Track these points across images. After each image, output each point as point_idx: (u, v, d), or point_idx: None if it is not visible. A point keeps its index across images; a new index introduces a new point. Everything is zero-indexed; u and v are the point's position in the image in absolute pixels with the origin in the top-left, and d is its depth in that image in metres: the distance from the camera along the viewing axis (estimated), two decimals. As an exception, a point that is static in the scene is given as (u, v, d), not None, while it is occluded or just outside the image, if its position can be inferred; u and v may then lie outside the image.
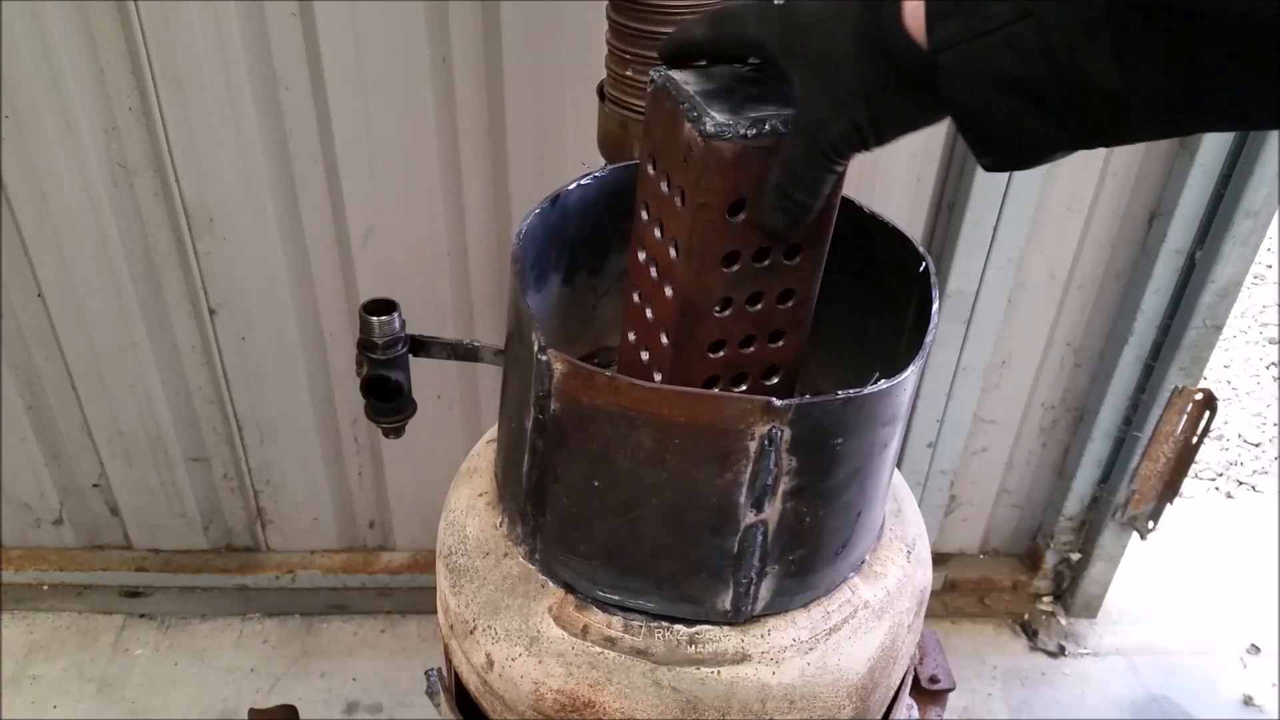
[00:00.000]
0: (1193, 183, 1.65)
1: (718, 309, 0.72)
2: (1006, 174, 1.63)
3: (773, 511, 0.72)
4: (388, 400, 0.98)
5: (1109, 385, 1.91)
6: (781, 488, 0.71)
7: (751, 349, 0.76)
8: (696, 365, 0.74)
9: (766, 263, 0.71)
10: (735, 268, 0.70)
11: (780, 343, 0.77)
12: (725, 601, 0.77)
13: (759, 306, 0.73)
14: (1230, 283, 1.74)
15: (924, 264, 0.80)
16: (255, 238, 1.68)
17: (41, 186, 1.61)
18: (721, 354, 0.75)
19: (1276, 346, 3.42)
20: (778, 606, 0.79)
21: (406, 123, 1.56)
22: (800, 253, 0.72)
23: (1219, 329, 1.80)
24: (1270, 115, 0.48)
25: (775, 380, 0.79)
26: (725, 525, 0.73)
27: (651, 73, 0.69)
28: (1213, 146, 1.62)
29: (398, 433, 1.02)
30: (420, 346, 0.98)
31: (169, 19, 1.46)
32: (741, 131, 0.63)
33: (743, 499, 0.71)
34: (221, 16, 1.46)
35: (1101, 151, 1.65)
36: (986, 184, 1.64)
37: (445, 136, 1.58)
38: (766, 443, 0.68)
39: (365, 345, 0.94)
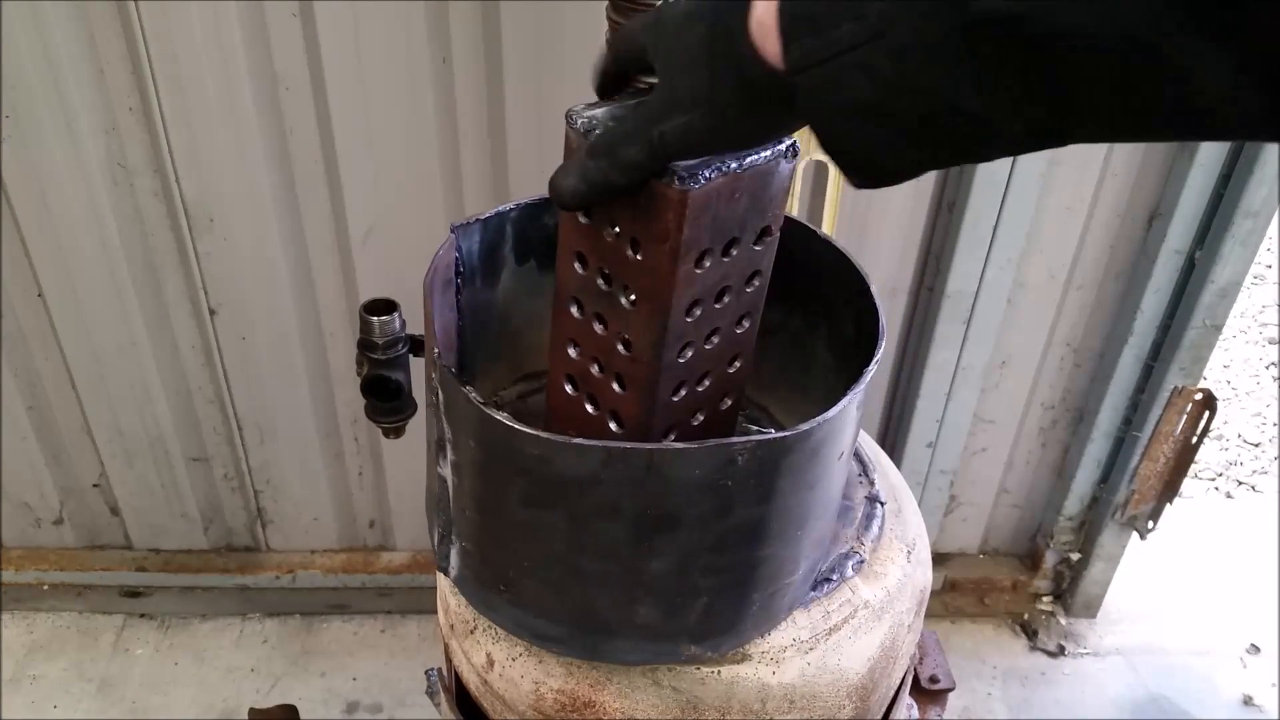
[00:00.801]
0: (1193, 183, 1.65)
1: (680, 357, 0.71)
2: (1006, 174, 1.63)
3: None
4: (388, 400, 0.97)
5: (1109, 385, 1.91)
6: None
7: (709, 382, 0.75)
8: (660, 414, 0.73)
9: (726, 300, 0.71)
10: (699, 312, 0.69)
11: (736, 365, 0.77)
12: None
13: (716, 340, 0.73)
14: (1230, 283, 1.74)
15: (866, 283, 0.79)
16: (255, 238, 1.68)
17: (41, 186, 1.61)
18: (683, 394, 0.74)
19: (1276, 346, 3.42)
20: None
21: (406, 123, 1.56)
22: (759, 276, 0.72)
23: (1219, 329, 1.80)
24: (1134, 133, 0.46)
25: (728, 404, 0.79)
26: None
27: (568, 112, 0.68)
28: (1212, 147, 1.62)
29: (398, 433, 1.02)
30: (421, 346, 0.98)
31: (169, 19, 1.46)
32: (708, 175, 0.62)
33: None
34: (221, 16, 1.46)
35: (1102, 151, 1.65)
36: (986, 184, 1.64)
37: (445, 136, 1.58)
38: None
39: (365, 345, 0.94)
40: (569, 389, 0.78)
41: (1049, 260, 1.76)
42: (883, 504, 0.91)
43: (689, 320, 0.69)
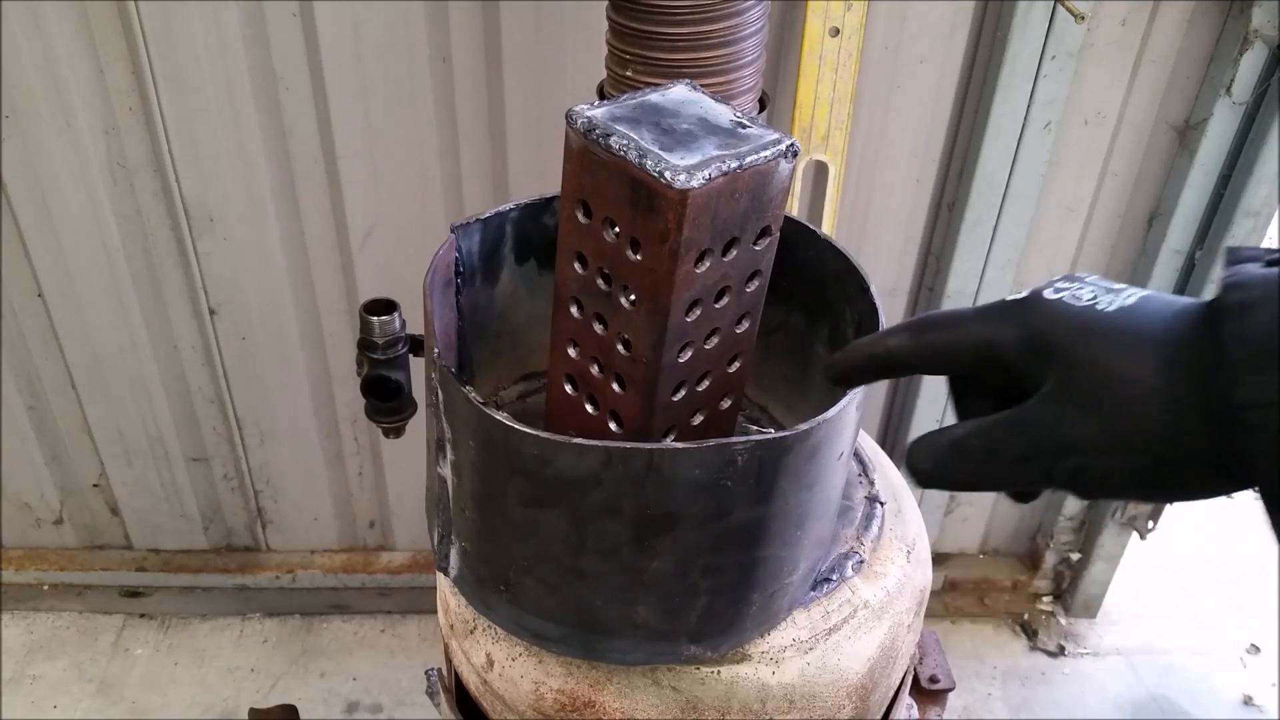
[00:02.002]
0: (1193, 183, 1.65)
1: (680, 357, 0.71)
2: (1006, 174, 1.63)
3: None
4: (388, 400, 0.97)
5: (1109, 385, 1.91)
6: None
7: (708, 382, 0.75)
8: (660, 414, 0.73)
9: (726, 300, 0.71)
10: (699, 312, 0.69)
11: (736, 365, 0.77)
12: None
13: (716, 340, 0.73)
14: (1230, 283, 1.73)
15: (867, 287, 0.79)
16: (255, 238, 1.68)
17: (41, 186, 1.61)
18: (683, 394, 0.74)
19: (1276, 346, 3.41)
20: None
21: (406, 123, 1.56)
22: (759, 277, 0.72)
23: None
24: None
25: (728, 404, 0.79)
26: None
27: (568, 113, 0.66)
28: (1212, 146, 1.62)
29: (398, 433, 1.02)
30: (421, 346, 0.98)
31: (169, 19, 1.46)
32: (708, 175, 0.61)
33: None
34: (221, 16, 1.46)
35: (1102, 151, 1.65)
36: (986, 184, 1.64)
37: (445, 136, 1.58)
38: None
39: (365, 345, 0.94)
40: (569, 389, 0.78)
41: (1049, 260, 1.76)
42: (883, 504, 0.91)
43: (689, 320, 0.69)
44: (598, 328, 0.72)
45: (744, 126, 0.67)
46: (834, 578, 0.83)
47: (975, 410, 0.57)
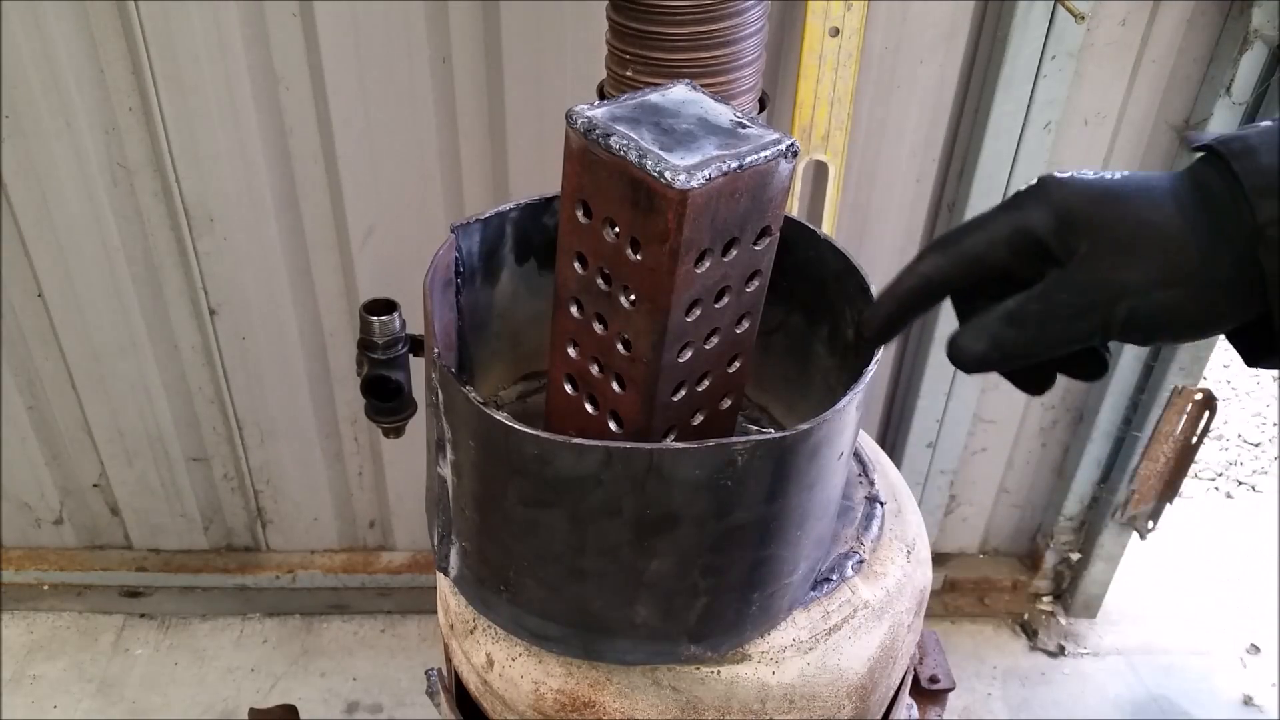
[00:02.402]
0: (1193, 183, 1.65)
1: (680, 357, 0.71)
2: (1006, 174, 1.63)
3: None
4: (388, 400, 0.98)
5: (1109, 385, 1.91)
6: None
7: (708, 382, 0.75)
8: (660, 414, 0.73)
9: (726, 300, 0.71)
10: (699, 312, 0.69)
11: (736, 365, 0.77)
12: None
13: (716, 340, 0.73)
14: (1230, 283, 1.74)
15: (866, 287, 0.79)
16: (255, 238, 1.68)
17: (41, 186, 1.61)
18: (683, 394, 0.74)
19: (1276, 346, 3.41)
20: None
21: (406, 123, 1.56)
22: (759, 276, 0.72)
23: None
24: None
25: (728, 404, 0.79)
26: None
27: (568, 113, 0.66)
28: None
29: (398, 433, 1.02)
30: (421, 346, 0.98)
31: (169, 19, 1.46)
32: (708, 175, 0.61)
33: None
34: (221, 16, 1.46)
35: (1101, 151, 1.65)
36: (987, 184, 1.64)
37: (445, 136, 1.58)
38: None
39: (365, 345, 0.94)
40: (569, 389, 0.78)
41: (1049, 260, 1.76)
42: (883, 504, 0.91)
43: (689, 320, 0.69)
44: (598, 328, 0.72)
45: (744, 126, 0.67)
46: (834, 578, 0.83)
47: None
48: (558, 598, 0.75)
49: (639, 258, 0.66)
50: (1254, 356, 0.57)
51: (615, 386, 0.73)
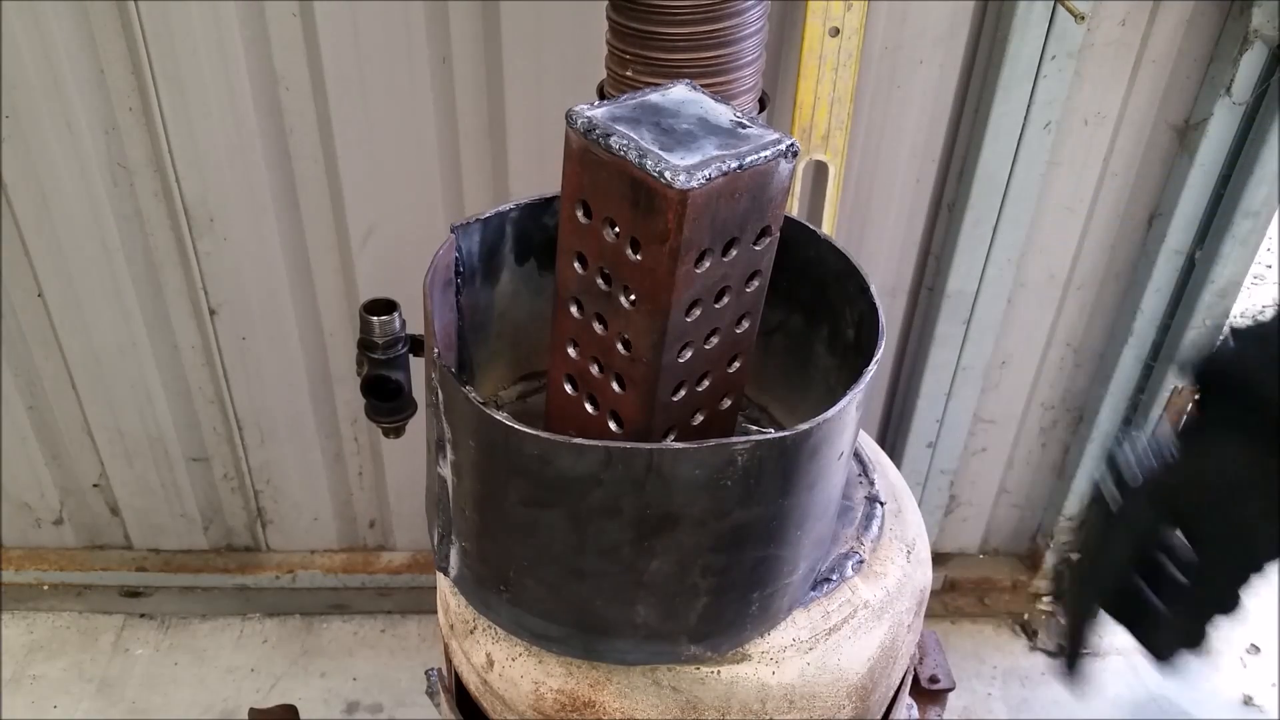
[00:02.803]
0: (1193, 183, 1.65)
1: (680, 357, 0.71)
2: (1006, 174, 1.63)
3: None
4: (388, 400, 0.97)
5: (1109, 385, 1.91)
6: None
7: (708, 382, 0.75)
8: (660, 414, 0.73)
9: (726, 300, 0.71)
10: (699, 312, 0.69)
11: (736, 365, 0.77)
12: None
13: (716, 340, 0.73)
14: (1230, 283, 1.74)
15: (866, 287, 0.79)
16: (255, 238, 1.68)
17: (41, 186, 1.61)
18: (683, 394, 0.74)
19: (1276, 346, 3.41)
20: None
21: (406, 123, 1.56)
22: (759, 276, 0.72)
23: (1219, 329, 1.80)
24: None
25: (728, 404, 0.79)
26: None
27: (568, 113, 0.66)
28: (1212, 146, 1.62)
29: (398, 433, 1.02)
30: (421, 346, 0.98)
31: (169, 19, 1.46)
32: (708, 175, 0.61)
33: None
34: (221, 16, 1.46)
35: (1102, 151, 1.65)
36: (986, 184, 1.64)
37: (445, 136, 1.58)
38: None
39: (366, 345, 0.94)
40: (569, 389, 0.78)
41: (1049, 260, 1.76)
42: (883, 504, 0.91)
43: (689, 320, 0.69)
44: (598, 328, 0.72)
45: (744, 126, 0.67)
46: (834, 578, 0.83)
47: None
48: (558, 598, 0.75)
49: (639, 258, 0.66)
50: None
51: (615, 386, 0.73)
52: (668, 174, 0.61)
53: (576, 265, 0.71)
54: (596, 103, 0.68)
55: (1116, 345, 1.87)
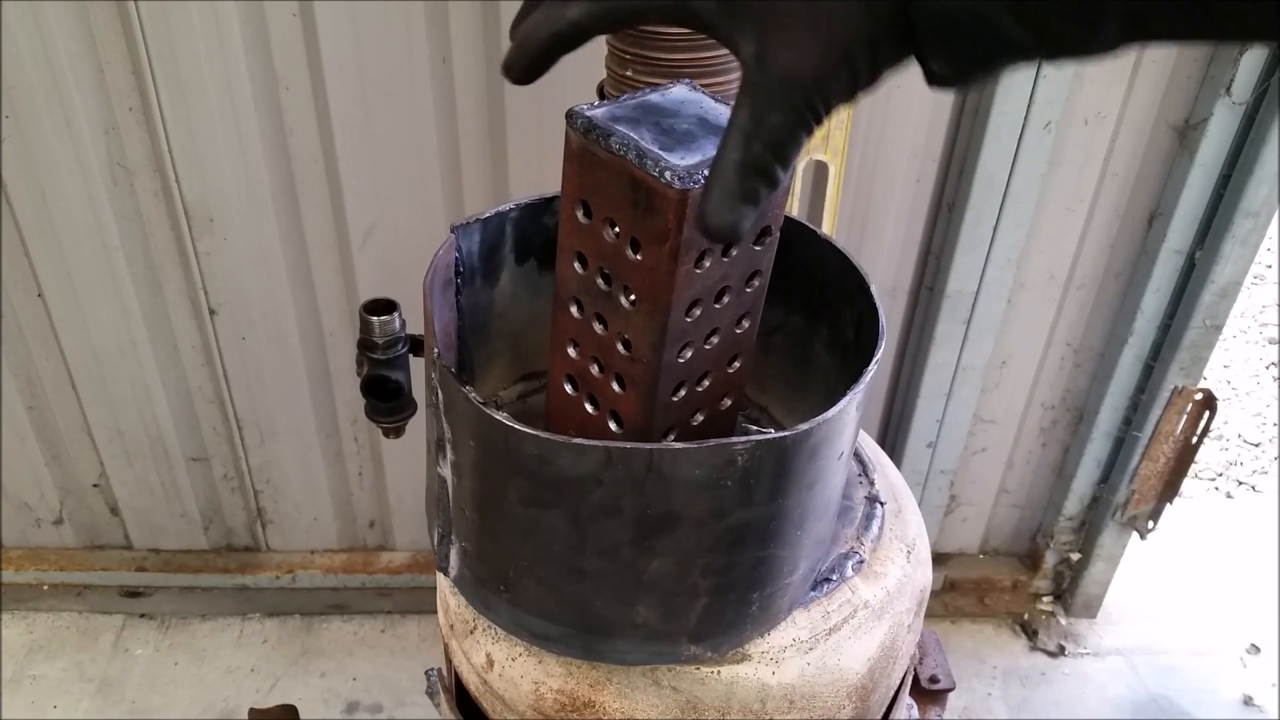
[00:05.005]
0: (1193, 183, 1.65)
1: (680, 357, 0.71)
2: (1006, 174, 1.63)
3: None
4: (388, 400, 0.97)
5: (1109, 385, 1.91)
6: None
7: (708, 382, 0.75)
8: (660, 414, 0.73)
9: (726, 300, 0.70)
10: (699, 312, 0.69)
11: (736, 365, 0.77)
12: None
13: (716, 340, 0.73)
14: (1230, 283, 1.74)
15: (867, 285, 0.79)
16: (255, 238, 1.68)
17: (41, 186, 1.61)
18: (683, 394, 0.74)
19: (1276, 346, 3.42)
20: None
21: (406, 123, 1.56)
22: (759, 276, 0.72)
23: (1219, 329, 1.80)
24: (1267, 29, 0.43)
25: (728, 404, 0.79)
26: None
27: (568, 112, 0.66)
28: (1212, 146, 1.62)
29: (398, 433, 1.02)
30: (421, 346, 0.98)
31: (169, 19, 1.46)
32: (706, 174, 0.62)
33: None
34: (221, 16, 1.46)
35: (1102, 151, 1.65)
36: (986, 184, 1.64)
37: (445, 136, 1.58)
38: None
39: (365, 345, 0.94)
40: (569, 389, 0.78)
41: (1049, 260, 1.76)
42: (883, 504, 0.91)
43: (689, 320, 0.69)
44: (598, 328, 0.72)
45: None
46: (834, 578, 0.83)
47: None
48: (558, 598, 0.75)
49: (639, 258, 0.66)
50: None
51: (615, 386, 0.73)
52: (668, 174, 0.61)
53: (576, 265, 0.71)
54: (596, 103, 0.68)
55: (1116, 345, 1.87)
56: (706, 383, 0.75)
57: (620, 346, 0.71)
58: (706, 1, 0.52)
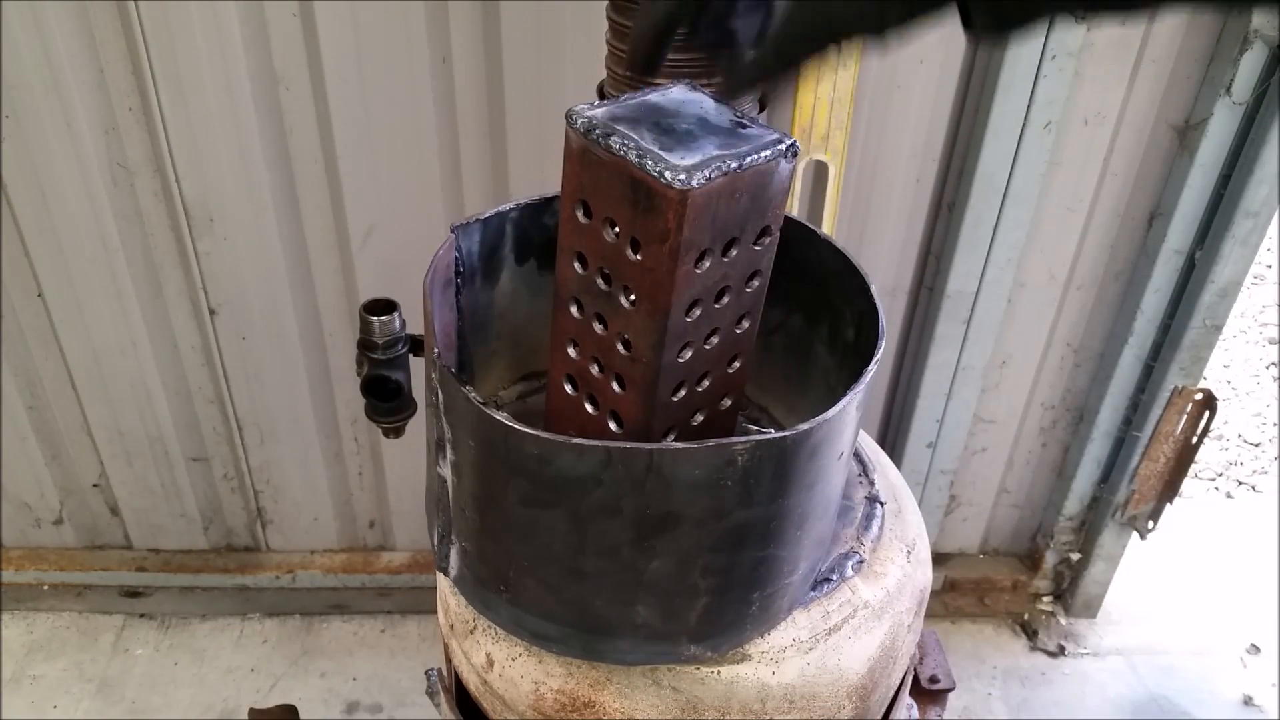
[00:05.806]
0: (1193, 183, 1.65)
1: (680, 357, 0.71)
2: (1006, 174, 1.63)
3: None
4: (388, 400, 0.97)
5: (1109, 385, 1.91)
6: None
7: (708, 382, 0.75)
8: (660, 414, 0.73)
9: (726, 300, 0.71)
10: (699, 312, 0.69)
11: (736, 365, 0.77)
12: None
13: (716, 340, 0.73)
14: (1230, 283, 1.74)
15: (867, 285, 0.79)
16: (255, 238, 1.68)
17: (41, 186, 1.61)
18: (683, 394, 0.74)
19: (1276, 346, 3.42)
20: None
21: (406, 123, 1.56)
22: (759, 276, 0.72)
23: (1219, 329, 1.80)
24: None
25: (728, 404, 0.79)
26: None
27: (568, 113, 0.66)
28: (1212, 146, 1.62)
29: (398, 433, 1.02)
30: (421, 346, 0.98)
31: (169, 19, 1.46)
32: (708, 176, 0.61)
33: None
34: (221, 16, 1.46)
35: (1102, 151, 1.65)
36: (986, 184, 1.64)
37: (445, 136, 1.58)
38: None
39: (365, 345, 0.94)
40: (569, 389, 0.78)
41: (1049, 260, 1.76)
42: (883, 504, 0.91)
43: (689, 320, 0.69)
44: (598, 328, 0.72)
45: (744, 126, 0.67)
46: (834, 578, 0.83)
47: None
48: (558, 598, 0.75)
49: (639, 258, 0.66)
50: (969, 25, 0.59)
51: (615, 386, 0.73)
52: (668, 174, 0.61)
53: (576, 265, 0.71)
54: (596, 103, 0.68)
55: (1116, 345, 1.87)
56: (706, 383, 0.75)
57: (620, 346, 0.71)
58: None
